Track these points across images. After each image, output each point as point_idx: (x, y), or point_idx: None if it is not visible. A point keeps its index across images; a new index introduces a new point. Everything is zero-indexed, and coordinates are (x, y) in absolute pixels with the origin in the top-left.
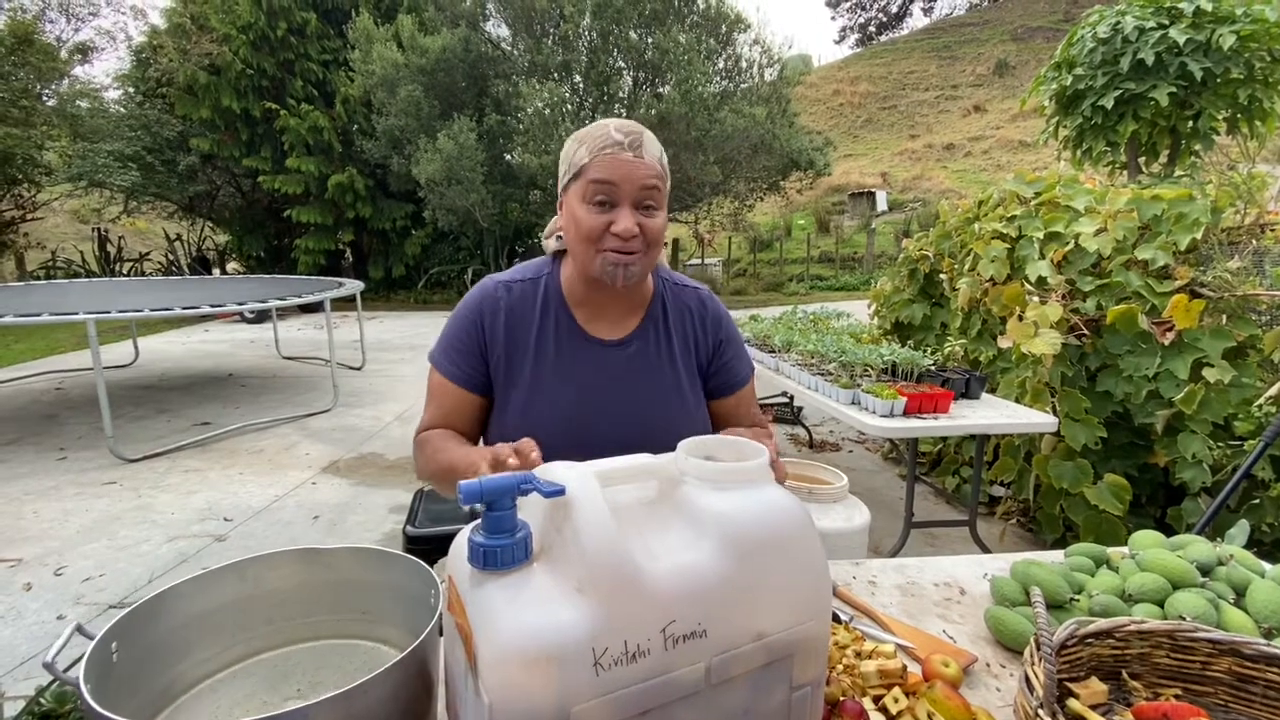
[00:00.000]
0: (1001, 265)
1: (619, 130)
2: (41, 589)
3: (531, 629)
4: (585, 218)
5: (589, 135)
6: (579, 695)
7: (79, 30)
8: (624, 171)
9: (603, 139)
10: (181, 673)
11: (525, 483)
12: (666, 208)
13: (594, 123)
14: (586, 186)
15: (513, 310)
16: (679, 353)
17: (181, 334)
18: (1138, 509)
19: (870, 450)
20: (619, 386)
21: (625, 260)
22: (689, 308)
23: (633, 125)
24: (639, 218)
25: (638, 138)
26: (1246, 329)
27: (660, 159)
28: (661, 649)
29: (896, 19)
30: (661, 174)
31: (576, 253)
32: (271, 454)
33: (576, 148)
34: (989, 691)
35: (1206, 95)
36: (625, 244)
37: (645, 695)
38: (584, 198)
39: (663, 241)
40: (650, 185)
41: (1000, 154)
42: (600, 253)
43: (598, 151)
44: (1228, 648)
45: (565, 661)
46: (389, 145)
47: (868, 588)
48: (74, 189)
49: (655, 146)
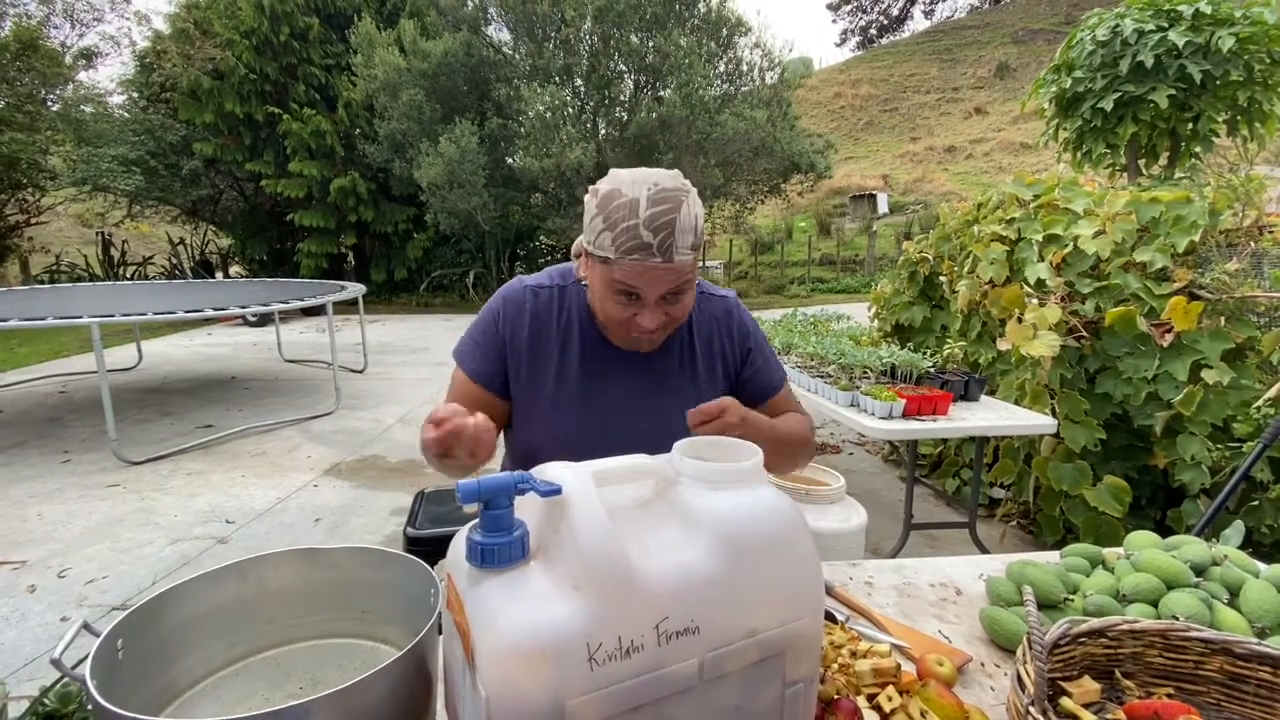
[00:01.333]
0: (1001, 267)
1: (650, 225)
2: (45, 591)
3: (527, 625)
4: (608, 302)
5: (616, 220)
6: (574, 690)
7: (83, 36)
8: (651, 278)
9: (630, 237)
10: (185, 670)
11: (522, 482)
12: (695, 272)
13: (624, 188)
14: (611, 280)
15: (537, 315)
16: (702, 364)
17: (184, 337)
18: (1138, 511)
19: (871, 453)
20: (641, 396)
21: (649, 338)
22: (716, 318)
23: (666, 208)
24: (664, 308)
25: (669, 236)
26: (1245, 331)
27: (695, 241)
28: (655, 645)
29: (897, 22)
30: (692, 265)
31: (599, 317)
32: (274, 456)
33: (603, 229)
34: (983, 690)
35: (1206, 97)
36: (652, 335)
37: (639, 690)
38: (607, 285)
39: (690, 307)
40: (678, 288)
41: (1001, 156)
42: (627, 333)
43: (623, 254)
44: (1220, 647)
45: (560, 657)
46: (391, 149)
47: (864, 588)
48: (78, 193)
49: (690, 232)
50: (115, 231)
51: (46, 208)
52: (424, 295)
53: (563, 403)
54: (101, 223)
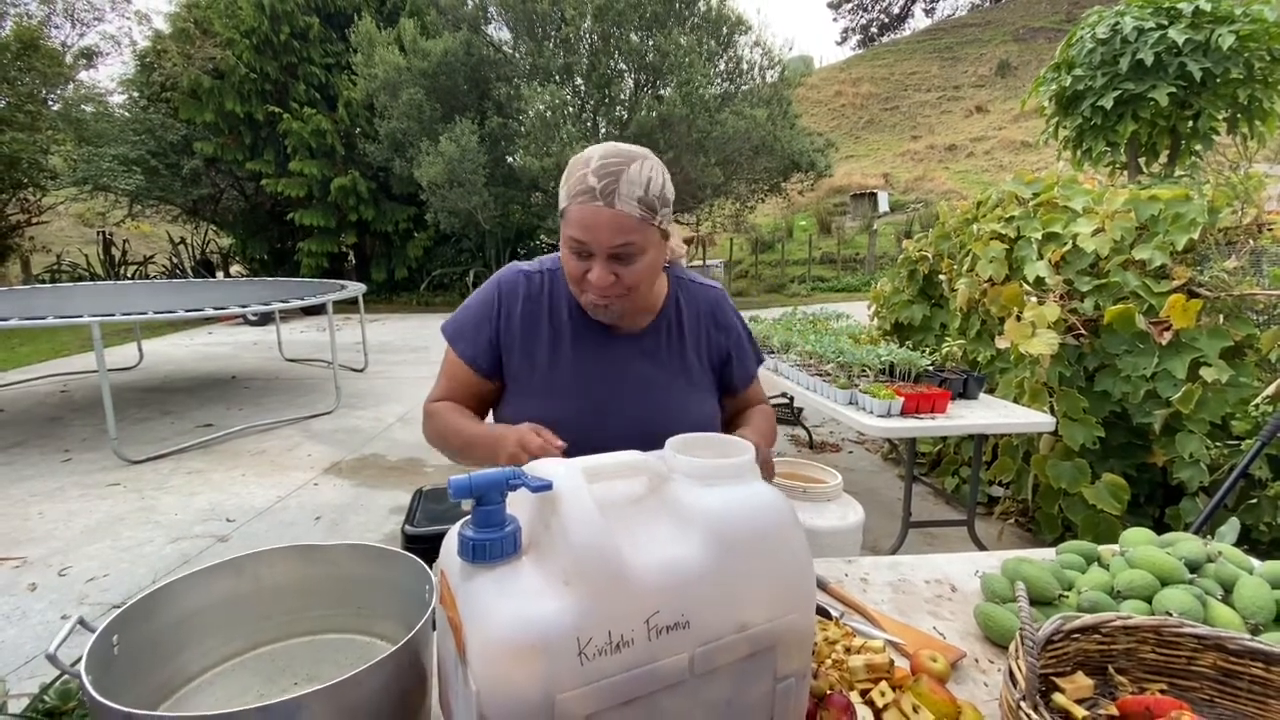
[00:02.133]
0: (1000, 266)
1: (597, 172)
2: (46, 589)
3: (517, 620)
4: (567, 260)
5: (573, 170)
6: (563, 684)
7: (84, 35)
8: (593, 225)
9: (579, 181)
10: (181, 665)
11: (514, 478)
12: (654, 245)
13: (589, 149)
14: (566, 235)
15: (530, 298)
16: (690, 351)
17: (185, 336)
18: (1136, 508)
19: (870, 451)
20: (631, 380)
21: (604, 303)
22: (703, 308)
23: (616, 161)
24: (614, 268)
25: (612, 182)
26: (1244, 328)
27: (641, 198)
28: (645, 639)
29: (898, 20)
30: (638, 222)
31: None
32: (274, 455)
33: (564, 181)
34: (977, 686)
35: (1206, 95)
36: (601, 293)
37: (629, 684)
38: (565, 243)
39: (650, 280)
40: (621, 242)
41: (1002, 154)
42: (582, 293)
43: (572, 198)
44: (1213, 643)
45: (550, 651)
46: (391, 148)
47: (860, 585)
48: (79, 193)
49: (636, 186)
50: (116, 231)
51: (47, 207)
52: (424, 294)
53: (555, 384)
54: (102, 222)
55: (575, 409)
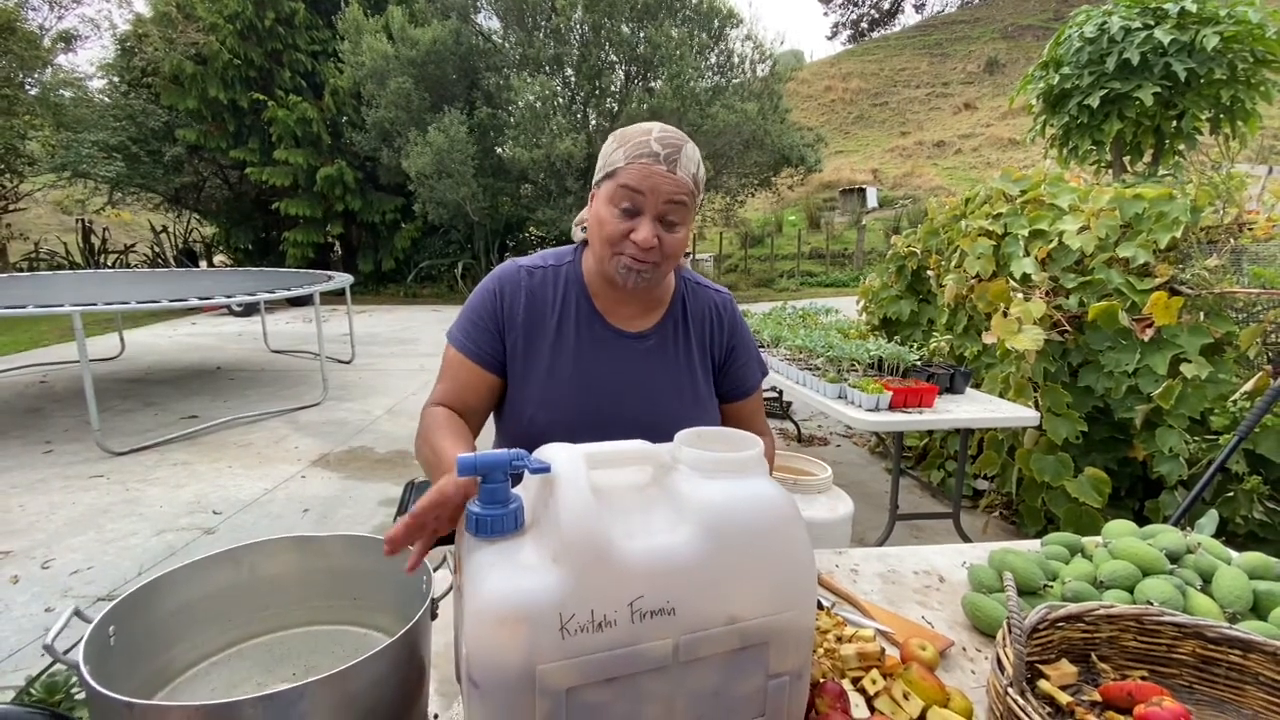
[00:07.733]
0: (987, 262)
1: (660, 141)
2: (29, 582)
3: (505, 590)
4: (609, 220)
5: (629, 137)
6: (544, 655)
7: (62, 18)
8: (653, 183)
9: (641, 146)
10: (177, 656)
11: (516, 459)
12: (691, 222)
13: (640, 124)
14: (615, 190)
15: (533, 294)
16: (696, 351)
17: (168, 327)
18: (1117, 501)
19: (858, 444)
20: (635, 377)
21: (639, 267)
22: (710, 309)
23: (675, 136)
24: (660, 230)
25: (675, 152)
26: (1224, 326)
27: (696, 175)
28: (629, 622)
29: (888, 15)
30: (693, 191)
31: (596, 249)
32: (260, 447)
33: (615, 148)
34: (964, 674)
35: (1190, 95)
36: (643, 254)
37: (611, 663)
38: (611, 200)
39: (681, 254)
40: (677, 200)
41: (990, 151)
42: (617, 255)
43: (633, 158)
44: (1192, 631)
45: (533, 623)
46: (378, 138)
47: (850, 575)
48: (57, 180)
49: (693, 163)
50: (96, 219)
51: (25, 194)
52: (412, 286)
53: (559, 380)
54: (81, 210)
55: (579, 405)
